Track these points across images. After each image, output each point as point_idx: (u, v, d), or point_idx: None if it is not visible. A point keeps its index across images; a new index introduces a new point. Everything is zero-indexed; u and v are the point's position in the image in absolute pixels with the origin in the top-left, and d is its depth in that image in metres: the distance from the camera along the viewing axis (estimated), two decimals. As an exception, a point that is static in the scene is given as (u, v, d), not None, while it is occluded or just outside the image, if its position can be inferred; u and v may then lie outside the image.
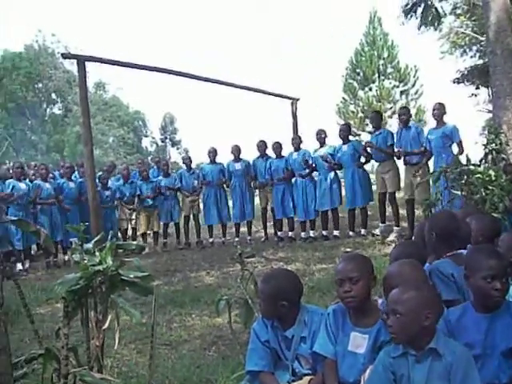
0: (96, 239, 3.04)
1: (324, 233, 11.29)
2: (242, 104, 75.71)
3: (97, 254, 2.88)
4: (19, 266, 10.36)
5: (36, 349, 4.38)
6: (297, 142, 11.77)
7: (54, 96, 56.37)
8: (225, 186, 12.63)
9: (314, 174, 11.65)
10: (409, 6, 17.05)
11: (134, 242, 6.42)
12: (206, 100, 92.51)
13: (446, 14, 17.32)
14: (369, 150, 10.74)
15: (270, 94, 16.16)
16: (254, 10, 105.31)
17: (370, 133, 31.70)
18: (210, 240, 12.47)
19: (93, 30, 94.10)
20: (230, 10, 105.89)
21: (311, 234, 11.47)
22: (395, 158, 10.35)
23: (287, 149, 12.08)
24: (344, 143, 10.99)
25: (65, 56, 11.99)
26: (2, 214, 2.76)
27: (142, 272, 2.91)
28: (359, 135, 32.20)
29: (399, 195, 11.01)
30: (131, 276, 2.83)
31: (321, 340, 3.18)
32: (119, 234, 12.26)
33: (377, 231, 10.72)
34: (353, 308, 3.13)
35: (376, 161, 10.87)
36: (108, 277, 2.78)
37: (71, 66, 51.09)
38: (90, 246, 2.94)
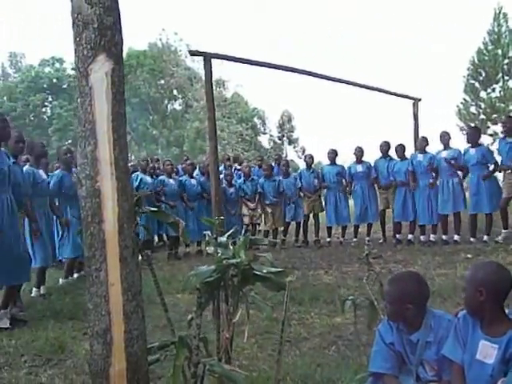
0: (229, 233, 3.10)
1: (444, 237, 11.04)
2: (361, 103, 75.08)
3: (230, 247, 2.93)
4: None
5: (159, 336, 4.55)
6: (423, 144, 11.56)
7: (175, 92, 57.96)
8: (346, 190, 12.58)
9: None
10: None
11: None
12: (324, 98, 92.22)
13: None
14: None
15: (390, 93, 15.96)
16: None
17: (493, 134, 30.74)
18: (328, 239, 12.48)
19: (213, 29, 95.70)
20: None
21: (431, 237, 11.24)
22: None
23: (408, 150, 11.96)
24: (472, 147, 10.70)
25: (192, 53, 12.26)
26: (143, 205, 2.87)
27: (274, 267, 2.94)
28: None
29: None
30: (264, 271, 2.87)
31: (450, 344, 3.09)
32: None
33: (499, 238, 10.36)
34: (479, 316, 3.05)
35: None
36: (240, 270, 2.82)
37: (192, 63, 52.38)
38: (224, 239, 3.00)
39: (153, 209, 3.29)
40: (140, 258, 2.91)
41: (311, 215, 12.74)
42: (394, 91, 16.06)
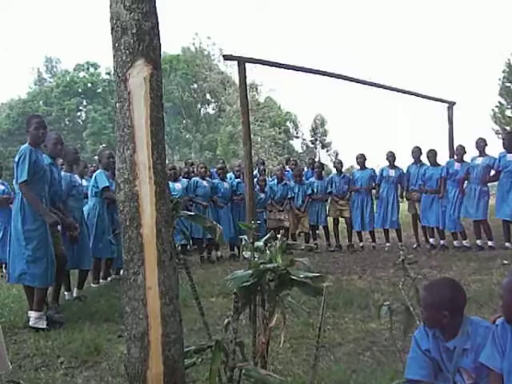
0: (265, 238, 3.10)
1: (478, 242, 10.91)
2: (395, 106, 74.37)
3: (267, 252, 2.93)
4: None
5: (194, 339, 4.56)
6: (461, 152, 11.38)
7: (208, 96, 58.19)
8: (374, 191, 12.59)
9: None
10: None
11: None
12: (357, 102, 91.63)
13: None
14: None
15: (424, 97, 15.84)
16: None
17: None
18: (361, 244, 12.45)
19: (245, 33, 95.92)
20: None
21: (464, 243, 11.12)
22: None
23: (442, 155, 11.89)
24: (509, 152, 10.49)
25: (226, 57, 12.28)
26: (180, 209, 2.90)
27: (310, 272, 2.93)
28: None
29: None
30: (301, 276, 2.86)
31: (488, 352, 3.04)
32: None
33: (536, 244, 10.25)
34: None
35: None
36: (277, 275, 2.82)
37: (225, 67, 52.53)
38: (260, 244, 3.00)
39: (190, 213, 3.30)
40: (176, 261, 2.92)
41: (342, 220, 12.72)
42: (428, 95, 15.93)
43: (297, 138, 60.02)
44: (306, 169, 14.87)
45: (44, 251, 6.17)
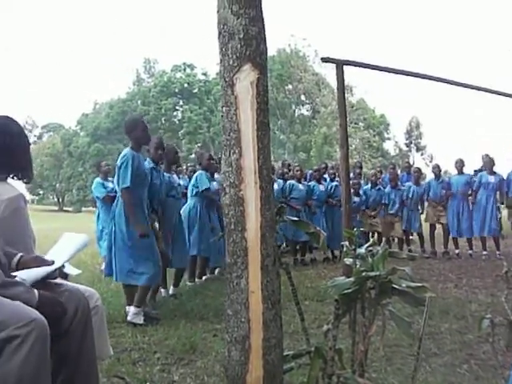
0: (368, 244, 3.07)
1: None
2: (494, 110, 72.33)
3: (368, 259, 2.90)
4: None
5: (288, 342, 4.55)
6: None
7: (302, 97, 58.34)
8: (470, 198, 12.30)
9: None
10: None
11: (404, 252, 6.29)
12: (454, 105, 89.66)
13: None
14: None
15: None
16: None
17: None
18: (457, 251, 12.15)
19: (340, 34, 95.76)
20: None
21: None
22: None
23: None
24: None
25: (324, 60, 12.17)
26: (284, 213, 2.93)
27: (412, 281, 2.88)
28: None
29: None
30: (403, 285, 2.82)
31: None
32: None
33: None
34: None
35: None
36: (379, 283, 2.78)
37: (320, 68, 52.54)
38: (362, 250, 2.98)
39: (294, 218, 3.32)
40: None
41: (438, 226, 12.48)
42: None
43: (388, 139, 59.42)
44: (399, 172, 14.69)
45: (150, 251, 6.39)
